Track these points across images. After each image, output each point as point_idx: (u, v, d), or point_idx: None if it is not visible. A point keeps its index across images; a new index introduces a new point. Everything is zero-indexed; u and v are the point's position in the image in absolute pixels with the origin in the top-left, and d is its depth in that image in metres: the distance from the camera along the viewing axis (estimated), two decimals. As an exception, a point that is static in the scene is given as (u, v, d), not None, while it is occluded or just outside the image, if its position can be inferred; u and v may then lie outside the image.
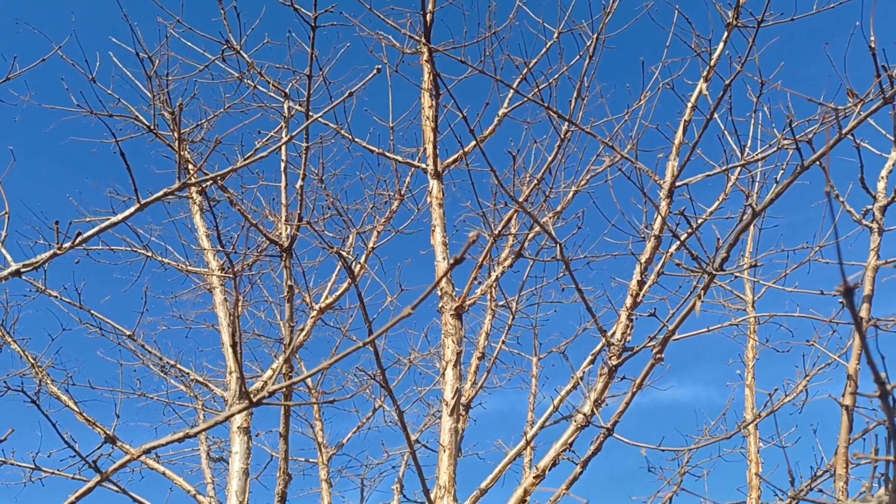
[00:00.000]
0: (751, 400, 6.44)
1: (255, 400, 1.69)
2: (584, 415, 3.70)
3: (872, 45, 2.62)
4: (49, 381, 6.31)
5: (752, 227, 6.88)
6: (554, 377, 10.09)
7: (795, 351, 5.88)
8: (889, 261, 3.15)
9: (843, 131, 2.65)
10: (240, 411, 1.86)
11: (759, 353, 6.65)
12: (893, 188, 3.28)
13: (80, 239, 2.27)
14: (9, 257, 2.28)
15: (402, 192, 7.77)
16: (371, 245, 7.53)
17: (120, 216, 2.46)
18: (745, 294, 6.78)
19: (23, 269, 2.23)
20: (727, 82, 3.82)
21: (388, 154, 6.23)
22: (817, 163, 2.74)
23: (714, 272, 3.04)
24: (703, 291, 3.14)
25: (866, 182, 3.25)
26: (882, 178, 3.40)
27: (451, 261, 1.44)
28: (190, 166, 6.17)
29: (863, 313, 3.03)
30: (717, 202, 4.66)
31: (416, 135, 7.66)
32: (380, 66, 3.13)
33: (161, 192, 2.50)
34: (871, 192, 3.33)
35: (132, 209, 2.44)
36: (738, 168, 4.82)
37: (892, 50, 3.27)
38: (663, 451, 3.82)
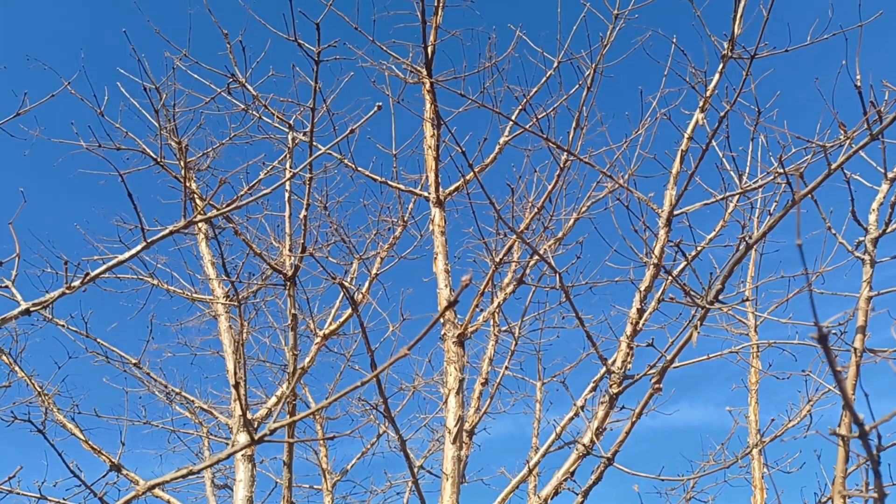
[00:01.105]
0: (754, 426, 6.43)
1: (256, 438, 1.74)
2: (584, 445, 3.73)
3: (858, 85, 2.69)
4: (55, 410, 6.35)
5: (753, 252, 6.92)
6: (558, 402, 10.08)
7: (798, 375, 5.88)
8: (882, 292, 3.19)
9: (833, 166, 2.71)
10: (242, 449, 1.90)
11: (763, 379, 6.66)
12: (884, 220, 3.33)
13: (87, 278, 2.33)
14: (18, 297, 2.34)
15: (406, 219, 7.85)
16: (374, 271, 7.59)
17: (126, 254, 2.52)
18: (747, 319, 6.80)
19: (32, 308, 2.29)
20: (722, 115, 3.89)
21: (390, 183, 6.31)
22: (810, 196, 2.79)
23: (708, 306, 3.08)
24: (699, 322, 3.19)
25: (858, 214, 3.30)
26: (873, 210, 3.45)
27: (446, 303, 1.48)
28: (196, 198, 6.26)
29: (857, 343, 3.06)
30: (716, 230, 4.71)
31: (420, 161, 7.76)
32: (380, 104, 3.22)
33: (167, 231, 2.56)
34: (863, 224, 3.38)
35: (139, 247, 2.51)
36: (737, 196, 4.88)
37: (888, 74, 3.34)
38: (663, 480, 3.83)
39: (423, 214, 7.92)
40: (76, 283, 2.32)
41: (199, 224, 7.60)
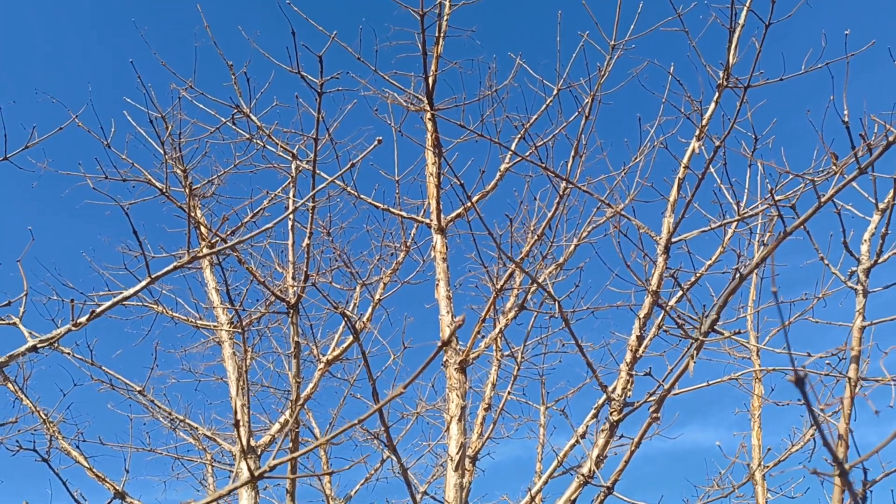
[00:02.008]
0: (757, 451, 6.41)
1: (258, 474, 1.78)
2: (584, 475, 3.74)
3: (846, 120, 2.75)
4: (60, 437, 6.38)
5: (753, 276, 6.95)
6: (562, 425, 10.04)
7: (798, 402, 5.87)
8: (874, 321, 3.22)
9: (822, 199, 2.76)
10: (243, 485, 1.94)
11: (765, 403, 6.65)
12: (875, 251, 3.37)
13: (93, 315, 2.39)
14: (26, 333, 2.40)
15: (408, 244, 7.91)
16: (377, 297, 7.64)
17: (131, 290, 2.58)
18: (749, 342, 6.80)
19: (39, 345, 2.35)
20: (717, 144, 3.95)
21: (392, 210, 6.38)
22: (802, 227, 2.84)
23: (702, 338, 3.11)
24: (696, 352, 3.22)
25: (850, 245, 3.34)
26: (865, 240, 3.49)
27: (440, 343, 1.53)
28: (201, 226, 6.34)
29: (851, 373, 3.08)
30: (713, 258, 4.75)
31: (422, 187, 7.84)
32: (381, 138, 3.29)
33: (171, 267, 2.62)
34: (855, 254, 3.42)
35: (143, 283, 2.56)
36: (734, 223, 4.93)
37: (883, 94, 3.40)
38: (663, 509, 3.83)
39: (425, 240, 7.99)
40: (82, 320, 2.37)
41: (203, 245, 7.67)
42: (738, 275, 3.07)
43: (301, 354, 5.58)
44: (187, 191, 7.69)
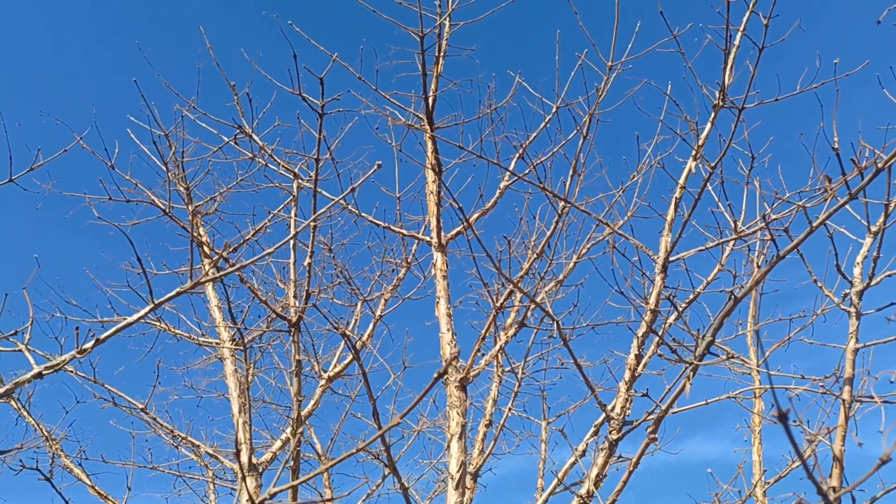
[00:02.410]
0: (758, 467, 6.41)
1: (258, 502, 1.81)
2: (582, 497, 3.76)
3: (836, 147, 2.80)
4: (62, 455, 6.41)
5: (753, 292, 6.98)
6: (564, 441, 10.03)
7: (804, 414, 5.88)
8: (867, 344, 3.25)
9: (814, 225, 2.81)
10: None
11: (765, 420, 6.66)
12: (868, 273, 3.40)
13: (97, 342, 2.43)
14: (31, 360, 2.45)
15: (409, 261, 7.96)
16: (378, 313, 7.67)
17: (134, 317, 2.63)
18: (749, 358, 6.83)
19: (45, 372, 2.39)
20: (713, 165, 4.01)
21: (393, 228, 6.43)
22: (796, 250, 2.88)
23: (696, 363, 3.15)
24: (692, 374, 3.25)
25: (843, 267, 3.38)
26: (857, 263, 3.53)
27: (437, 374, 1.57)
28: (204, 245, 6.39)
29: (845, 395, 3.11)
30: (710, 277, 4.79)
31: (423, 203, 7.90)
32: (380, 163, 3.34)
33: (174, 292, 2.67)
34: (848, 277, 3.46)
35: (146, 309, 2.61)
36: (731, 242, 4.97)
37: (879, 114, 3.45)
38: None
39: (426, 256, 8.03)
40: (87, 346, 2.42)
41: (207, 268, 7.73)
42: (732, 297, 3.11)
43: (302, 372, 5.62)
44: (190, 208, 7.76)
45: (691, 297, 4.25)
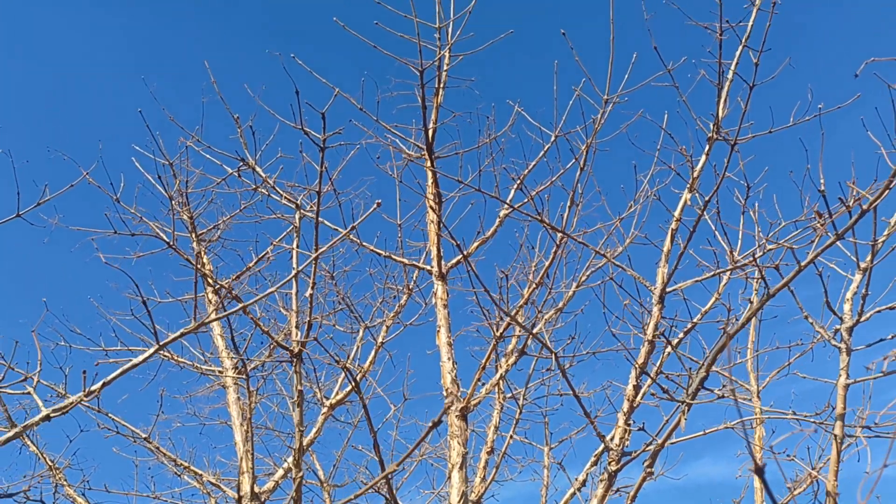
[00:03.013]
0: (759, 493, 6.41)
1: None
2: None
3: (822, 189, 2.87)
4: (66, 485, 6.44)
5: (753, 319, 7.03)
6: (568, 466, 10.00)
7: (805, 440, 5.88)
8: (858, 380, 3.29)
9: (802, 264, 2.87)
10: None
11: (766, 446, 6.66)
12: (857, 310, 3.46)
13: (103, 384, 2.50)
14: (40, 403, 2.51)
15: (411, 287, 8.02)
16: (380, 340, 7.72)
17: (139, 359, 2.69)
18: (749, 384, 6.85)
19: (52, 415, 2.45)
20: (707, 199, 4.08)
21: (394, 257, 6.51)
22: (787, 287, 2.94)
23: (689, 401, 3.20)
24: (687, 408, 3.29)
25: (833, 303, 3.43)
26: (847, 300, 3.58)
27: (432, 424, 1.62)
28: (207, 274, 6.47)
29: (837, 430, 3.15)
30: (707, 307, 4.84)
31: (424, 231, 7.98)
32: (380, 201, 3.42)
33: (178, 333, 2.74)
34: (838, 313, 3.51)
35: (150, 351, 2.68)
36: (728, 272, 5.03)
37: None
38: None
39: (427, 282, 8.09)
40: (95, 388, 2.48)
41: (210, 296, 7.80)
42: (725, 333, 3.17)
43: (304, 401, 5.66)
44: (194, 236, 7.86)
45: (685, 330, 4.30)
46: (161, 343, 2.69)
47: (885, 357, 2.64)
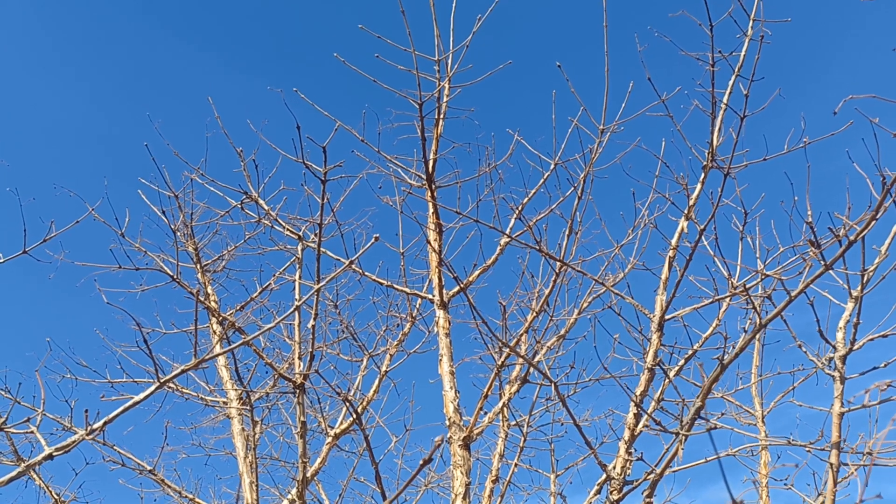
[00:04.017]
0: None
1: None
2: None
3: (809, 221, 2.92)
4: (71, 519, 6.44)
5: (756, 342, 7.03)
6: (574, 493, 9.93)
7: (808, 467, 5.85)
8: (853, 408, 3.30)
9: (792, 294, 2.90)
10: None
11: (776, 469, 6.63)
12: (850, 338, 3.48)
13: (105, 422, 2.54)
14: (43, 442, 2.55)
15: (414, 315, 8.05)
16: (384, 369, 7.74)
17: (141, 396, 2.74)
18: (753, 409, 6.83)
19: (55, 453, 2.50)
20: (702, 227, 4.12)
21: (396, 286, 6.56)
22: (779, 316, 2.97)
23: (685, 433, 3.21)
24: (684, 438, 3.31)
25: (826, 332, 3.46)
26: (840, 328, 3.61)
27: (421, 462, 1.66)
28: (212, 301, 6.53)
29: (832, 459, 3.16)
30: (706, 335, 4.86)
31: (427, 259, 8.03)
32: (377, 236, 3.48)
33: (178, 370, 2.79)
34: (831, 341, 3.54)
35: (152, 388, 2.72)
36: (728, 298, 5.06)
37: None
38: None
39: (430, 310, 8.13)
40: (97, 426, 2.53)
41: (214, 326, 7.86)
42: (720, 364, 3.19)
43: (308, 432, 5.68)
44: (198, 267, 7.94)
45: (686, 357, 4.32)
46: (162, 380, 2.74)
47: (876, 385, 2.65)
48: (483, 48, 7.07)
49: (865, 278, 3.37)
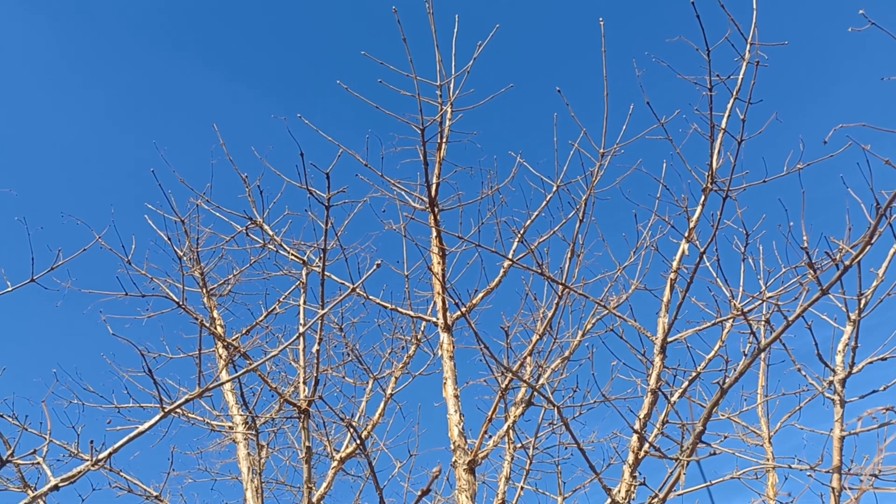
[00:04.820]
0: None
1: None
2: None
3: (805, 247, 2.94)
4: (77, 545, 6.43)
5: (762, 363, 7.01)
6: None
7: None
8: (853, 432, 3.30)
9: (790, 319, 2.92)
10: None
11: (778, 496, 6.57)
12: (849, 362, 3.49)
13: (111, 451, 2.57)
14: (49, 474, 2.59)
15: (419, 338, 8.07)
16: (389, 392, 7.74)
17: (146, 425, 2.77)
18: (760, 429, 6.80)
19: (61, 484, 2.53)
20: (703, 250, 4.15)
21: (400, 310, 6.59)
22: (778, 341, 2.99)
23: (686, 459, 3.22)
24: (686, 462, 3.31)
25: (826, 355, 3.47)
26: (839, 351, 3.62)
27: (419, 494, 1.66)
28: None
29: (834, 483, 3.16)
30: (708, 358, 4.86)
31: (430, 283, 8.06)
32: (380, 262, 3.52)
33: (182, 399, 2.82)
34: (830, 365, 3.54)
35: (157, 417, 2.76)
36: (731, 319, 5.07)
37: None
38: None
39: (435, 332, 8.14)
40: (102, 456, 2.56)
41: (220, 351, 7.89)
42: (720, 389, 3.21)
43: (313, 457, 5.68)
44: (204, 291, 8.00)
45: (689, 379, 4.32)
46: (167, 409, 2.77)
47: (869, 412, 2.66)
48: (484, 72, 7.16)
49: (863, 302, 3.39)
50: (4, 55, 16.55)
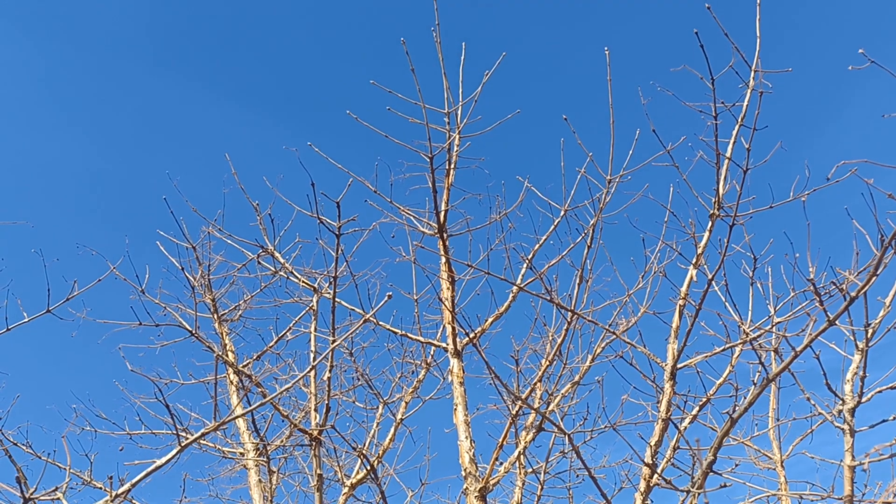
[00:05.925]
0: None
1: None
2: None
3: (811, 279, 2.97)
4: (89, 573, 6.45)
5: (773, 386, 6.99)
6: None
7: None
8: (863, 463, 3.30)
9: (797, 350, 2.95)
10: None
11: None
12: (857, 391, 3.49)
13: (129, 487, 2.61)
14: (68, 508, 2.62)
15: (429, 362, 8.09)
16: (400, 416, 7.75)
17: (163, 459, 2.81)
18: (773, 453, 6.77)
19: (79, 519, 2.56)
20: (711, 276, 4.18)
21: (410, 335, 6.62)
22: (787, 370, 3.00)
23: (696, 491, 3.23)
24: (696, 495, 3.32)
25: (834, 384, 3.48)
26: (848, 381, 3.62)
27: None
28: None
29: (847, 514, 3.16)
30: (718, 383, 4.87)
31: (440, 308, 8.09)
32: (391, 294, 3.57)
33: (199, 434, 2.86)
34: (839, 394, 3.55)
35: (174, 452, 2.80)
36: (740, 345, 5.08)
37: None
38: None
39: (445, 357, 8.16)
40: (121, 491, 2.60)
41: (231, 376, 7.94)
42: (730, 419, 3.22)
43: (324, 485, 5.70)
44: (216, 317, 8.07)
45: (700, 404, 4.33)
46: (183, 444, 2.81)
47: (876, 449, 2.66)
48: (492, 99, 7.25)
49: (870, 332, 3.40)
50: (15, 80, 16.86)
